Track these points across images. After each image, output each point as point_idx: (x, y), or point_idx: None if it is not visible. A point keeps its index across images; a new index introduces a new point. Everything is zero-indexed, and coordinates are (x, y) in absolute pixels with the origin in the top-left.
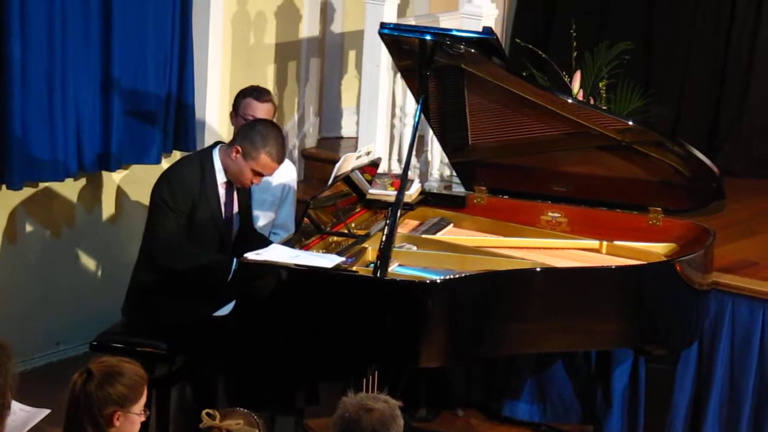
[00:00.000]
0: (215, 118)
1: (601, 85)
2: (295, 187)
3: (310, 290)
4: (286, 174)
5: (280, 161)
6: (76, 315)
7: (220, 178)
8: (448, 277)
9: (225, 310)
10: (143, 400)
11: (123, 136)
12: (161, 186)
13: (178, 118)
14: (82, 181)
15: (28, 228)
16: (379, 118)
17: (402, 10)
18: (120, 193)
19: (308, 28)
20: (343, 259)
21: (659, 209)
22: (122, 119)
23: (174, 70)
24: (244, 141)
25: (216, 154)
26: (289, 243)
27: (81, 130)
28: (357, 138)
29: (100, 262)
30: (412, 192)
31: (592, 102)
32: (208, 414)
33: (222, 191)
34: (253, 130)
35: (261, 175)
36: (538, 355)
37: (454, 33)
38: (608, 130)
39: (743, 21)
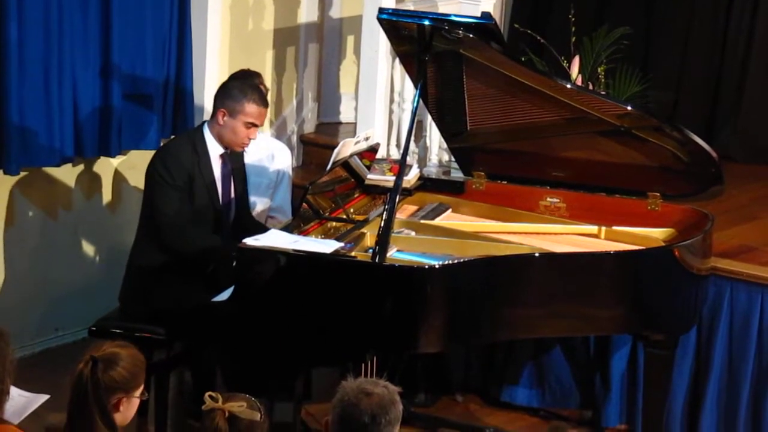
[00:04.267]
0: None
1: (599, 70)
2: (290, 170)
3: (309, 275)
4: (281, 157)
5: (265, 104)
6: (75, 301)
7: (215, 151)
8: (446, 262)
9: (223, 296)
10: (143, 383)
11: (121, 121)
12: (156, 164)
13: (177, 104)
14: (81, 167)
15: (26, 214)
16: (378, 104)
17: None
18: (118, 179)
19: (307, 13)
20: (341, 244)
21: (658, 194)
22: (120, 104)
23: (172, 55)
24: (225, 101)
25: (206, 130)
26: (287, 228)
27: (78, 114)
28: (355, 123)
29: (99, 248)
30: (411, 177)
31: (590, 87)
32: (211, 396)
33: (217, 166)
34: (229, 88)
35: (254, 125)
36: (536, 340)
37: (453, 18)
38: (607, 115)
39: (742, 6)
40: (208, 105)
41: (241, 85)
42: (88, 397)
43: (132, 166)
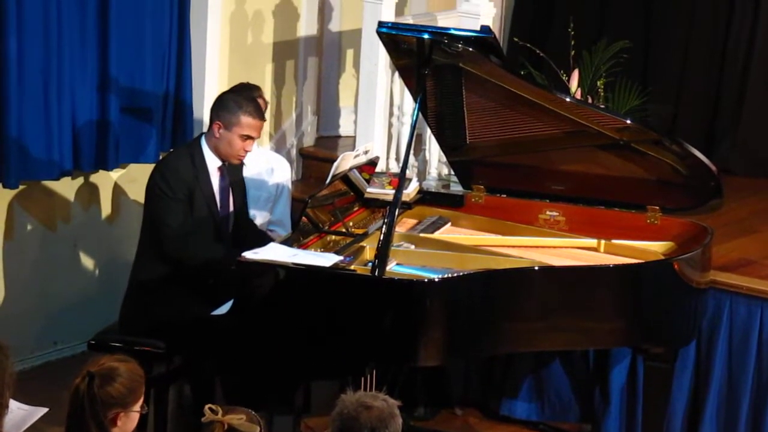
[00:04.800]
0: None
1: (599, 83)
2: (290, 184)
3: (308, 289)
4: (280, 171)
5: (261, 117)
6: (74, 314)
7: (213, 164)
8: (446, 275)
9: (223, 309)
10: (142, 397)
11: (120, 134)
12: (156, 179)
13: (176, 117)
14: (80, 180)
15: (26, 227)
16: (377, 117)
17: (400, 9)
18: (117, 192)
19: (306, 26)
20: (341, 257)
21: (657, 208)
22: (119, 118)
23: (172, 68)
24: (220, 113)
25: (204, 143)
26: (287, 242)
27: (77, 128)
28: (355, 137)
29: (98, 261)
30: (410, 191)
31: (590, 101)
32: (210, 409)
33: (216, 179)
34: (225, 101)
35: (250, 138)
36: (535, 353)
37: (452, 32)
38: (606, 128)
39: (741, 19)
40: (208, 118)
41: (237, 97)
42: (85, 412)
43: (132, 179)
